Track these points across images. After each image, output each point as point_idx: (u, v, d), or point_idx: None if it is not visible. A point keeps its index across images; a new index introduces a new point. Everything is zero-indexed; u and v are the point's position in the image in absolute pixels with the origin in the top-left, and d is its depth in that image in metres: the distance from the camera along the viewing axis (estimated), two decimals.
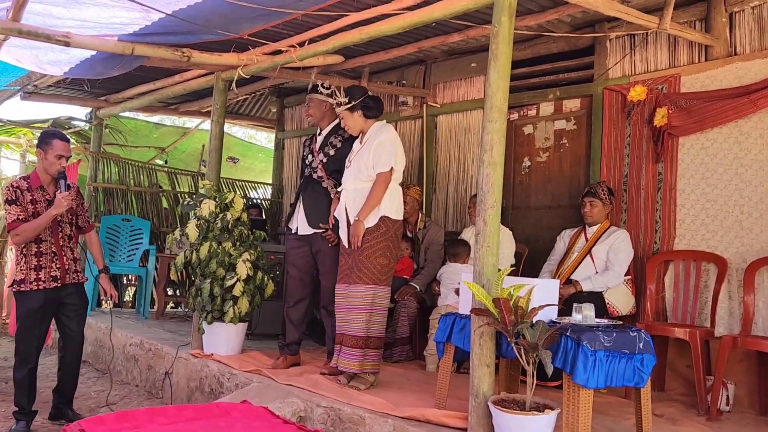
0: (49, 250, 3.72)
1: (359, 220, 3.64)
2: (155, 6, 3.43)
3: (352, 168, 3.80)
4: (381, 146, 3.67)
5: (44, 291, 3.71)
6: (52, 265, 3.72)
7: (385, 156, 3.65)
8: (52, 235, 3.73)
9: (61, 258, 3.75)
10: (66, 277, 3.77)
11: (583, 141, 4.78)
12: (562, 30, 4.55)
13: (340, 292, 3.76)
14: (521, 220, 5.07)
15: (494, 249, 2.86)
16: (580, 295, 3.94)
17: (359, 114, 3.79)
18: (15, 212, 3.61)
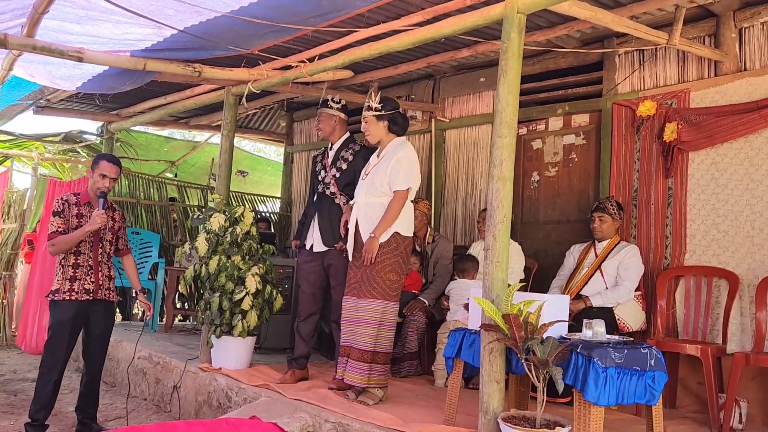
0: (86, 264, 3.83)
1: (375, 237, 3.64)
2: (167, 23, 3.47)
3: (366, 181, 3.80)
4: (399, 164, 3.68)
5: (76, 303, 3.79)
6: (87, 278, 3.82)
7: (403, 175, 3.66)
8: (92, 250, 3.85)
9: (96, 273, 3.85)
10: (98, 292, 3.85)
11: (592, 156, 4.78)
12: (571, 45, 4.56)
13: (348, 305, 3.75)
14: (530, 234, 5.06)
15: (504, 264, 2.85)
16: (590, 310, 3.92)
17: (384, 124, 3.80)
18: (56, 224, 3.77)
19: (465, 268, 4.51)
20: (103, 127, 7.15)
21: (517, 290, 2.80)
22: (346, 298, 3.78)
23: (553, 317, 2.77)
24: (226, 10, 3.26)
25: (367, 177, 3.81)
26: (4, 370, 5.90)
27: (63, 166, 9.15)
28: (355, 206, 3.85)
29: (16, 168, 8.42)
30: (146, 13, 3.32)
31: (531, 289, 4.50)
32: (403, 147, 3.75)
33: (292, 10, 3.35)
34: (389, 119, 3.79)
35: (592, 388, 2.57)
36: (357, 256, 3.79)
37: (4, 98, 5.67)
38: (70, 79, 4.84)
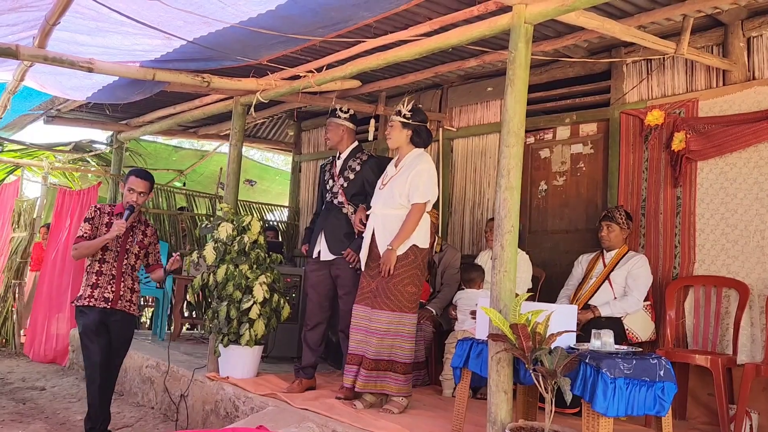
0: (109, 273, 3.87)
1: (392, 250, 3.65)
2: (177, 34, 3.51)
3: (384, 192, 3.81)
4: (419, 177, 3.69)
5: (95, 309, 3.82)
6: (108, 287, 3.85)
7: (422, 188, 3.68)
8: (116, 260, 3.89)
9: (117, 283, 3.87)
10: (117, 303, 3.86)
11: (600, 165, 4.77)
12: (578, 55, 4.57)
13: (360, 314, 3.75)
14: (538, 244, 5.04)
15: (511, 274, 2.85)
16: (598, 320, 3.90)
17: (408, 133, 3.82)
18: (83, 230, 3.85)
19: (471, 277, 4.50)
20: (113, 136, 7.21)
21: (525, 300, 2.79)
22: (357, 307, 3.78)
23: (561, 327, 2.75)
24: (235, 21, 3.29)
25: (385, 188, 3.82)
26: (13, 378, 5.93)
27: (73, 176, 9.22)
28: (371, 216, 3.85)
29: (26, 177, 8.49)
30: (156, 25, 3.35)
31: (539, 298, 4.48)
32: (424, 159, 3.77)
33: (300, 21, 3.38)
34: (414, 129, 3.81)
35: (600, 399, 2.55)
36: (371, 265, 3.79)
37: (15, 108, 5.73)
38: (80, 89, 4.89)
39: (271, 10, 3.13)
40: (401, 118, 3.80)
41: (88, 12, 3.21)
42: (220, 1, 3.01)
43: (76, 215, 7.06)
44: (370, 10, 3.28)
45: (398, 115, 3.81)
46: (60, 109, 6.17)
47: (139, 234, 4.00)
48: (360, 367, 3.67)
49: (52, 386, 5.68)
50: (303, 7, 3.13)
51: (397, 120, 3.81)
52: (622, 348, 2.90)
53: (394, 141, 3.84)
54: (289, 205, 7.73)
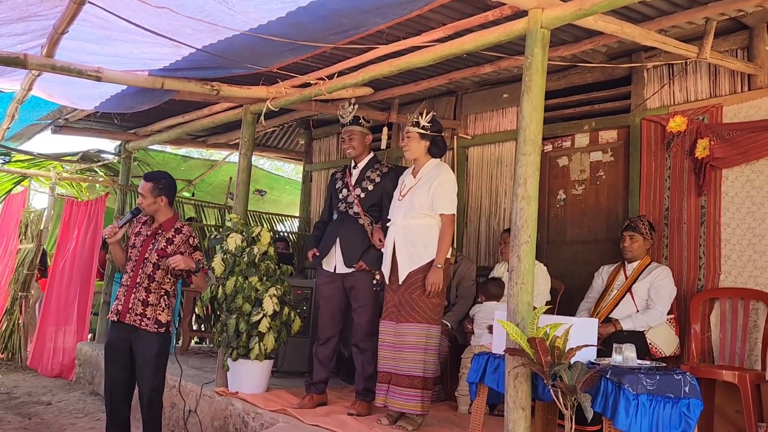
0: (126, 283, 3.75)
1: (439, 268, 3.68)
2: (186, 42, 3.55)
3: (404, 203, 3.83)
4: (442, 187, 3.73)
5: (112, 323, 3.73)
6: (122, 298, 3.72)
7: (447, 199, 3.73)
8: (134, 269, 3.74)
9: (129, 294, 3.69)
10: (125, 316, 3.66)
11: (620, 173, 4.75)
12: (597, 60, 4.56)
13: (386, 330, 3.76)
14: (556, 255, 5.02)
15: (529, 286, 2.84)
16: (620, 334, 3.87)
17: (426, 144, 3.85)
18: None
19: (493, 293, 4.47)
20: (121, 146, 7.28)
21: (543, 313, 2.78)
22: (384, 323, 3.80)
23: (581, 341, 2.73)
24: (245, 28, 3.32)
25: (404, 198, 3.84)
26: (19, 392, 5.98)
27: (80, 186, 9.32)
28: (391, 228, 3.88)
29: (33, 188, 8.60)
30: (165, 33, 3.39)
31: (558, 311, 4.46)
32: (444, 169, 3.82)
33: (310, 28, 3.41)
34: (432, 140, 3.84)
35: (622, 417, 2.52)
36: (392, 279, 3.81)
37: (23, 118, 5.82)
38: (88, 98, 4.95)
39: (281, 17, 3.16)
40: (419, 129, 3.82)
41: (97, 20, 3.26)
42: (229, 8, 3.04)
43: (83, 226, 7.13)
44: (383, 16, 3.29)
45: (416, 125, 3.83)
46: (68, 119, 6.26)
47: (162, 241, 3.76)
48: (390, 384, 3.67)
49: (58, 401, 5.72)
50: (314, 14, 3.15)
51: (414, 131, 3.83)
52: (645, 363, 2.87)
53: (412, 152, 3.86)
54: (300, 215, 7.76)
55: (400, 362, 3.65)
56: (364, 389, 4.07)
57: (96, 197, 7.58)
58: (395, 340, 3.69)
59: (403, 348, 3.66)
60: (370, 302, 4.14)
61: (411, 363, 3.63)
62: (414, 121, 3.86)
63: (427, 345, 3.65)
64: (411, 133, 3.85)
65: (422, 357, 3.63)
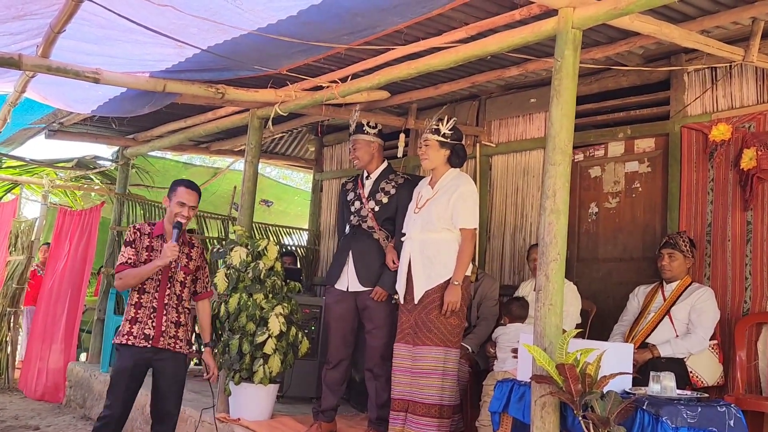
0: (150, 305, 3.70)
1: (457, 285, 3.70)
2: (190, 42, 3.60)
3: (421, 216, 3.84)
4: (462, 200, 3.75)
5: (134, 348, 3.65)
6: (149, 321, 3.68)
7: (469, 212, 3.76)
8: (158, 290, 3.72)
9: (159, 317, 3.69)
10: (160, 340, 3.68)
11: (658, 185, 4.73)
12: (633, 63, 4.56)
13: (402, 353, 3.76)
14: (588, 273, 5.00)
15: (557, 307, 2.83)
16: (657, 361, 3.84)
17: (446, 153, 3.88)
18: (126, 255, 3.70)
19: (517, 314, 4.45)
20: (119, 152, 7.37)
21: (574, 337, 2.76)
22: (399, 346, 3.80)
23: (615, 368, 2.72)
24: (253, 27, 3.36)
25: (421, 211, 3.86)
26: (5, 415, 6.03)
27: (75, 194, 9.43)
28: (407, 242, 3.88)
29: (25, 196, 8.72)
30: (168, 32, 3.44)
31: (589, 335, 4.43)
32: (465, 180, 3.83)
33: (323, 28, 3.44)
34: (452, 149, 3.85)
35: None
36: (407, 298, 3.81)
37: (15, 122, 5.91)
38: (85, 101, 5.02)
39: (292, 16, 3.20)
40: (439, 136, 3.83)
41: (96, 19, 3.32)
42: (237, 6, 3.08)
43: (76, 237, 7.19)
44: (401, 15, 3.32)
45: (435, 133, 3.85)
46: (63, 123, 6.35)
47: (184, 258, 3.83)
48: (407, 412, 3.67)
49: (47, 425, 5.76)
50: (327, 13, 3.19)
51: (433, 138, 3.85)
52: (685, 393, 2.84)
53: (430, 162, 3.88)
54: (309, 228, 7.79)
55: (416, 388, 3.64)
56: (377, 418, 4.06)
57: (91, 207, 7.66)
58: (412, 364, 3.68)
59: (419, 373, 3.65)
60: (386, 323, 4.14)
61: (427, 389, 3.62)
62: (433, 128, 3.88)
63: (445, 370, 3.65)
64: (430, 141, 3.86)
65: (440, 383, 3.62)
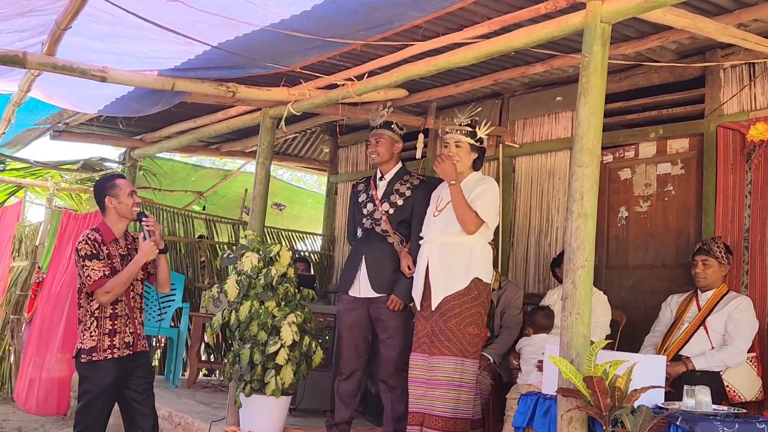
0: (123, 312, 3.72)
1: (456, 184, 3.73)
2: (200, 38, 3.63)
3: (441, 219, 3.85)
4: (481, 194, 3.78)
5: (118, 360, 3.66)
6: (126, 329, 3.70)
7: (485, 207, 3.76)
8: (125, 295, 3.73)
9: (133, 321, 3.74)
10: (137, 344, 3.74)
11: (692, 188, 4.70)
12: (665, 58, 4.53)
13: (418, 363, 3.77)
14: (617, 281, 4.98)
15: (585, 317, 2.82)
16: (692, 375, 3.82)
17: (474, 157, 3.91)
18: (99, 268, 3.61)
19: (542, 324, 4.43)
20: (126, 153, 7.44)
21: (602, 348, 2.75)
22: (415, 355, 3.80)
23: (647, 382, 2.71)
24: (265, 23, 3.39)
25: (441, 214, 3.87)
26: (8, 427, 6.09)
27: (80, 197, 9.52)
28: (425, 246, 3.89)
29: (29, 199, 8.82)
30: (177, 28, 3.48)
31: (619, 347, 4.41)
32: (488, 180, 3.87)
33: (338, 23, 3.46)
34: (480, 151, 3.89)
35: None
36: (426, 305, 3.81)
37: (20, 122, 5.98)
38: (91, 101, 5.08)
39: (306, 11, 3.22)
40: (474, 140, 3.85)
41: (103, 15, 3.36)
42: (248, 1, 3.11)
43: None
44: (420, 9, 3.33)
45: (470, 136, 3.86)
46: (68, 123, 6.42)
47: (133, 251, 3.81)
48: (423, 426, 3.67)
49: None
50: (343, 7, 3.21)
51: (466, 141, 3.85)
52: (722, 409, 2.82)
53: (462, 165, 3.90)
54: (323, 232, 7.81)
55: (431, 400, 3.64)
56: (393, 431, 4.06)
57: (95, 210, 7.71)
58: (427, 375, 3.68)
59: (434, 384, 3.64)
60: (400, 333, 4.14)
61: (442, 401, 3.62)
62: (467, 129, 3.87)
63: (461, 381, 3.63)
64: (463, 144, 3.87)
65: (455, 395, 3.61)
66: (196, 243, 7.68)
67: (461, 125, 3.92)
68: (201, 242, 7.73)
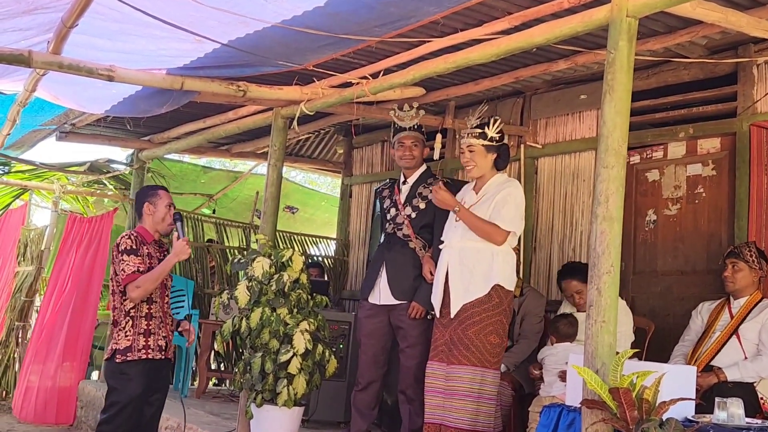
0: (158, 314, 3.85)
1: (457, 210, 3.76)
2: (210, 36, 3.65)
3: (461, 223, 3.86)
4: (505, 201, 3.78)
5: (150, 363, 3.76)
6: (159, 331, 3.82)
7: (507, 214, 3.76)
8: (161, 297, 3.88)
9: (166, 325, 3.87)
10: (169, 349, 3.85)
11: (724, 190, 4.67)
12: (695, 54, 4.50)
13: (435, 372, 3.77)
14: (645, 288, 4.96)
15: (611, 325, 2.81)
16: (724, 386, 3.79)
17: (493, 157, 3.90)
18: (134, 263, 3.78)
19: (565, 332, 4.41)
20: (134, 155, 7.49)
21: (629, 358, 2.74)
22: (432, 364, 3.81)
23: (676, 393, 2.69)
24: (277, 20, 3.40)
25: None
26: None
27: (87, 200, 9.61)
28: (445, 251, 3.89)
29: (34, 202, 8.90)
30: (186, 26, 3.50)
31: (646, 356, 4.40)
32: (511, 184, 3.86)
33: (353, 19, 3.47)
34: (499, 151, 3.87)
35: None
36: (445, 312, 3.81)
37: (25, 123, 6.05)
38: (98, 100, 5.13)
39: (319, 7, 3.23)
40: (485, 141, 3.84)
41: (110, 12, 3.40)
42: None
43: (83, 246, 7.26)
44: (438, 4, 3.33)
45: (482, 138, 3.85)
46: (75, 124, 6.48)
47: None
48: None
49: None
50: (357, 3, 3.22)
51: (479, 143, 3.85)
52: (755, 422, 2.80)
53: (479, 169, 3.90)
54: (338, 237, 7.83)
55: (448, 411, 3.64)
56: None
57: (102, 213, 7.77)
58: (445, 385, 3.68)
59: (452, 394, 3.64)
60: (421, 341, 4.14)
61: (460, 413, 3.62)
62: (477, 132, 3.87)
63: (481, 393, 3.63)
64: (475, 147, 3.87)
65: (474, 407, 3.61)
66: (206, 247, 7.73)
67: (472, 128, 3.92)
68: (211, 247, 7.77)
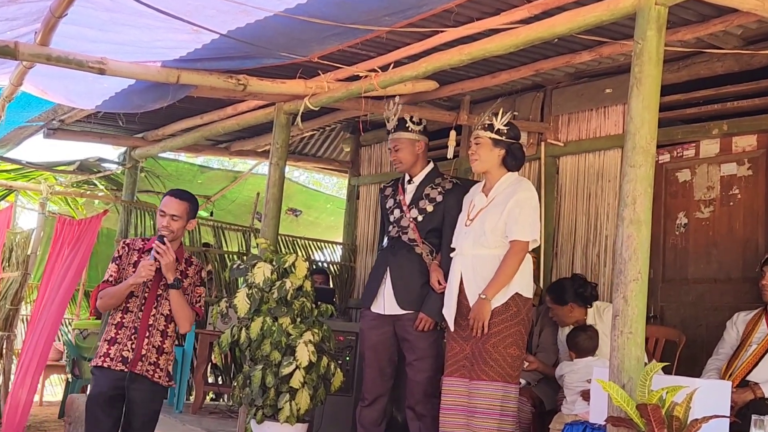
0: (132, 325, 3.86)
1: (486, 299, 3.68)
2: (208, 26, 3.66)
3: (473, 229, 3.86)
4: (520, 208, 3.76)
5: (109, 372, 3.81)
6: (128, 343, 3.84)
7: (523, 221, 3.76)
8: (142, 309, 3.89)
9: (141, 339, 3.85)
10: (137, 365, 3.83)
11: (761, 191, 4.67)
12: (729, 45, 4.49)
13: (456, 389, 3.77)
14: (676, 296, 4.96)
15: (639, 336, 2.82)
16: (761, 403, 3.79)
17: (500, 154, 3.89)
18: (109, 272, 3.96)
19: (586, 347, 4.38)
20: (126, 153, 7.52)
21: (658, 372, 2.73)
22: (451, 380, 3.81)
23: (709, 411, 2.69)
24: (280, 8, 3.41)
25: (473, 222, 3.87)
26: None
27: (76, 201, 9.65)
28: (457, 259, 3.89)
29: (20, 204, 8.94)
30: (182, 15, 3.51)
31: (677, 371, 4.38)
32: (525, 186, 3.84)
33: (360, 8, 3.47)
34: (508, 148, 3.86)
35: None
36: (462, 324, 3.82)
37: (10, 119, 6.07)
38: (88, 95, 5.15)
39: None
40: (492, 133, 3.83)
41: (101, 1, 3.42)
42: None
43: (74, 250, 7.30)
44: None
45: (488, 129, 3.85)
46: (63, 120, 6.50)
47: (178, 275, 3.99)
48: None
49: None
50: None
51: (485, 136, 3.85)
52: None
53: (482, 163, 3.89)
54: (344, 241, 7.83)
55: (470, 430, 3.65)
56: None
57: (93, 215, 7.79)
58: (469, 402, 3.69)
59: (474, 412, 3.65)
60: (430, 354, 4.14)
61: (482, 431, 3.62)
62: (486, 123, 3.88)
63: (503, 410, 3.65)
64: (481, 139, 3.87)
65: (497, 425, 3.62)
66: (203, 252, 7.74)
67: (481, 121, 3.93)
68: (208, 251, 7.78)
